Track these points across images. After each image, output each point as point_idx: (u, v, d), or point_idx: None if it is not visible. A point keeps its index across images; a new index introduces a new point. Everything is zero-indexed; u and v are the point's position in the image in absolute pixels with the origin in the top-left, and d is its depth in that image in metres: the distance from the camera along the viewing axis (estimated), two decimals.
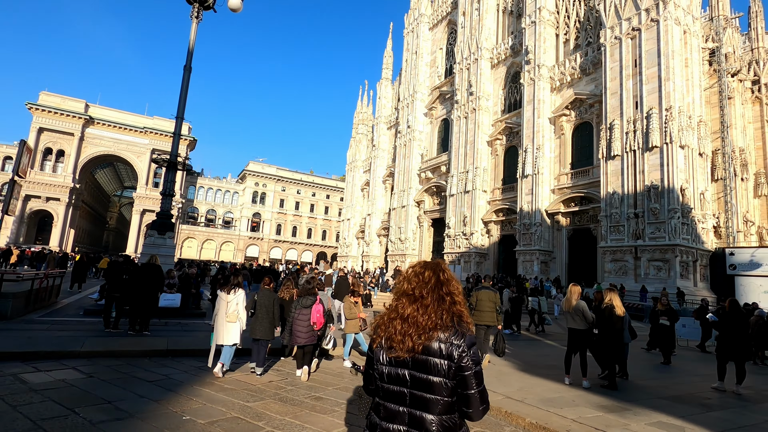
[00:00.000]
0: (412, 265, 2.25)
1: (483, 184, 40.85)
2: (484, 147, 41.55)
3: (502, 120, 40.60)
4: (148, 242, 12.66)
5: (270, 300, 7.15)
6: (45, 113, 60.54)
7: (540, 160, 34.28)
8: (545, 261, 34.03)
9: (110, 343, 7.47)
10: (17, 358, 6.38)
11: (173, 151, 12.90)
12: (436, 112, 51.67)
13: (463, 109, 43.65)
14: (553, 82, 35.36)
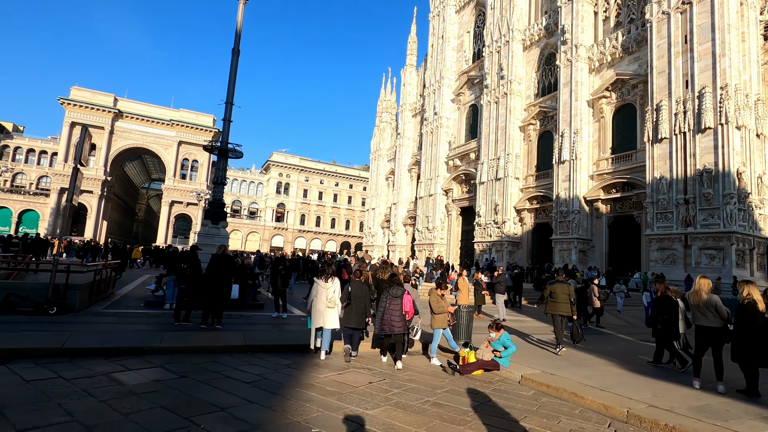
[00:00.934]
0: None
1: (515, 171, 39.69)
2: (516, 132, 40.28)
3: (535, 104, 39.23)
4: (202, 232, 12.49)
5: (363, 291, 7.67)
6: (76, 108, 61.81)
7: (578, 144, 32.98)
8: (583, 250, 32.95)
9: (187, 339, 7.25)
10: (100, 354, 6.19)
11: (224, 138, 12.62)
12: (464, 98, 50.38)
13: (493, 93, 42.35)
14: (591, 63, 33.81)
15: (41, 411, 3.84)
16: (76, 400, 4.21)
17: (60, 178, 61.23)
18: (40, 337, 6.48)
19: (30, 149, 65.65)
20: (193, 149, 70.88)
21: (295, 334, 8.48)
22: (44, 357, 5.90)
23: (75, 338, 6.53)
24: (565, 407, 5.19)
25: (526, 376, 6.22)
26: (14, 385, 4.57)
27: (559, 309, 9.03)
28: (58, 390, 4.49)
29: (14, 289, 8.59)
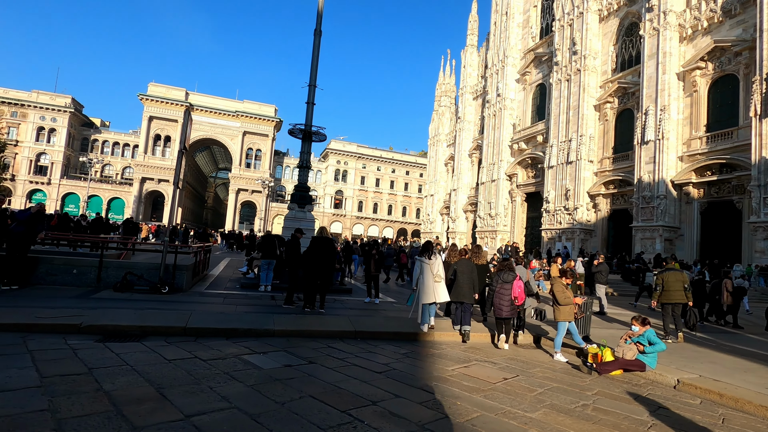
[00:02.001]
0: None
1: (589, 154, 37.01)
2: (590, 112, 37.45)
3: (613, 80, 36.11)
4: (289, 215, 12.61)
5: (470, 268, 8.07)
6: (153, 102, 66.23)
7: (665, 123, 29.92)
8: (670, 238, 30.11)
9: (299, 322, 7.20)
10: (220, 334, 6.24)
11: (307, 121, 12.54)
12: (531, 77, 47.67)
13: (564, 71, 39.57)
14: (682, 31, 30.34)
15: (197, 394, 3.76)
16: (224, 383, 4.13)
17: (141, 168, 66.23)
18: (164, 316, 6.68)
19: (115, 142, 71.62)
20: (257, 139, 73.63)
21: (399, 322, 8.23)
22: (171, 335, 6.04)
23: (195, 318, 6.66)
24: (759, 424, 4.40)
25: (685, 380, 5.42)
26: (160, 365, 4.60)
27: (672, 297, 8.90)
28: (201, 371, 4.46)
29: (130, 268, 9.09)
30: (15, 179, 61.90)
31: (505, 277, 7.47)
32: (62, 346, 5.03)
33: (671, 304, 8.90)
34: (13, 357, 4.42)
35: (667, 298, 8.94)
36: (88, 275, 8.92)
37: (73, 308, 6.82)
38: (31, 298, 7.44)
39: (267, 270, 10.75)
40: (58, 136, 65.52)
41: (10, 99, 62.71)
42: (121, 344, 5.37)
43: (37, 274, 8.65)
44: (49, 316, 5.98)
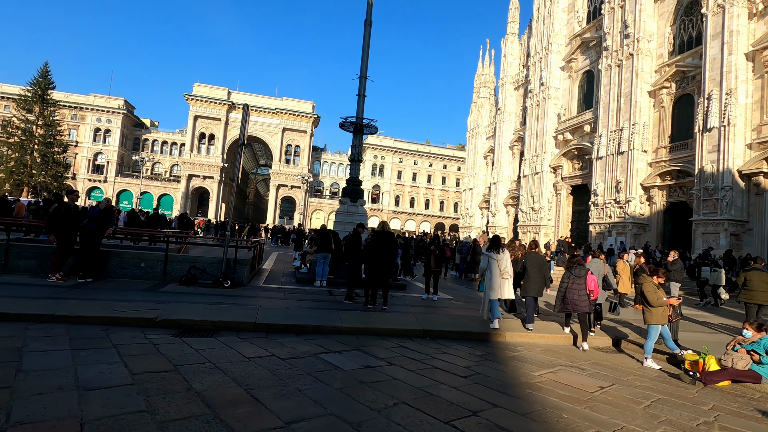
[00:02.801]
0: None
1: (642, 143, 34.85)
2: (644, 99, 35.21)
3: (670, 63, 33.72)
4: (341, 210, 12.50)
5: (540, 262, 8.11)
6: (198, 102, 68.63)
7: (731, 108, 27.61)
8: (736, 233, 27.85)
9: (365, 320, 7.02)
10: (290, 331, 6.15)
11: (358, 113, 12.34)
12: (577, 64, 45.46)
13: (614, 56, 37.39)
14: (752, 6, 27.81)
15: (288, 398, 3.60)
16: (310, 385, 3.96)
17: (188, 166, 68.95)
18: (233, 311, 6.66)
19: (164, 141, 74.94)
20: (296, 135, 74.80)
21: (466, 321, 7.91)
22: (242, 331, 5.99)
23: (263, 314, 6.61)
24: None
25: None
26: (241, 363, 4.51)
27: (755, 297, 8.71)
28: (283, 371, 4.32)
29: (193, 262, 9.25)
30: (75, 177, 66.09)
31: (576, 272, 7.38)
32: (143, 341, 5.05)
33: (755, 304, 8.78)
34: (102, 351, 4.45)
35: (750, 297, 8.83)
36: (155, 269, 9.15)
37: (146, 302, 6.93)
38: (105, 291, 7.66)
39: (323, 264, 10.68)
40: (112, 137, 69.32)
41: (70, 102, 66.85)
42: (197, 339, 5.35)
43: (109, 268, 8.97)
44: (126, 310, 6.08)
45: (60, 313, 5.67)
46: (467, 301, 10.82)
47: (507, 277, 7.84)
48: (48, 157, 57.08)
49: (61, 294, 7.06)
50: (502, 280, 7.76)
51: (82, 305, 6.14)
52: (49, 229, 7.92)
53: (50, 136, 57.93)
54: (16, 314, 5.57)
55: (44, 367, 3.83)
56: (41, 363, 3.93)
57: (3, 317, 5.50)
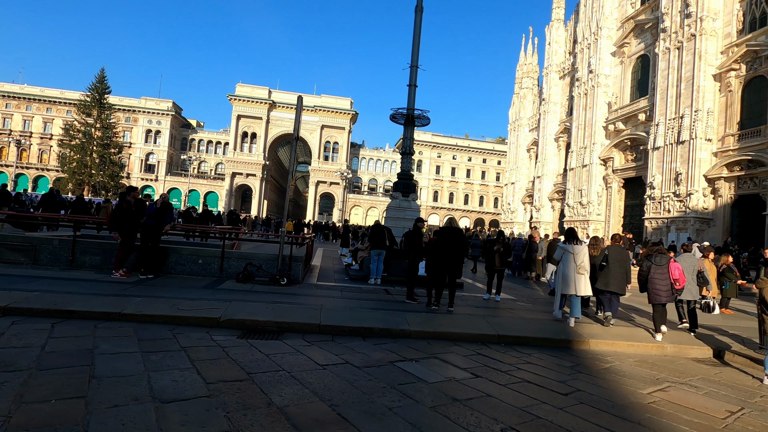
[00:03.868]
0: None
1: (707, 131, 32.16)
2: (708, 83, 32.45)
3: (739, 43, 30.83)
4: (393, 205, 12.06)
5: (623, 255, 7.86)
6: (241, 102, 70.49)
7: None
8: None
9: (433, 323, 6.54)
10: (356, 334, 5.80)
11: (410, 104, 11.82)
12: (630, 49, 42.70)
13: (673, 38, 34.69)
14: None
15: (380, 418, 3.18)
16: (399, 402, 3.54)
17: (231, 164, 71.10)
18: (296, 312, 6.37)
19: (209, 141, 77.70)
20: (334, 132, 75.29)
21: (542, 326, 7.24)
22: (307, 333, 5.68)
23: (326, 315, 6.27)
24: None
25: None
26: (316, 371, 4.15)
27: None
28: (363, 383, 3.92)
29: (249, 259, 9.12)
30: (130, 177, 69.78)
31: (658, 261, 7.27)
32: (210, 343, 4.81)
33: None
34: (172, 355, 4.22)
35: None
36: (212, 265, 9.10)
37: (207, 300, 6.79)
38: (166, 288, 7.61)
39: (377, 262, 10.29)
40: (162, 137, 72.60)
41: (124, 106, 70.58)
42: (264, 342, 5.07)
43: (168, 264, 9.00)
44: (190, 309, 5.92)
45: (127, 312, 5.57)
46: (532, 302, 10.10)
47: (583, 273, 7.53)
48: (105, 158, 60.57)
49: (125, 291, 7.04)
50: (577, 275, 7.47)
51: (147, 303, 6.03)
52: (112, 226, 8.00)
53: (107, 138, 61.43)
54: (84, 312, 5.52)
55: (116, 372, 3.62)
56: (113, 368, 3.73)
57: (72, 315, 5.46)
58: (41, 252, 8.60)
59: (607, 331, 6.96)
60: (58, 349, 4.12)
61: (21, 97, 70.02)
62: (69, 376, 3.42)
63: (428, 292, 7.93)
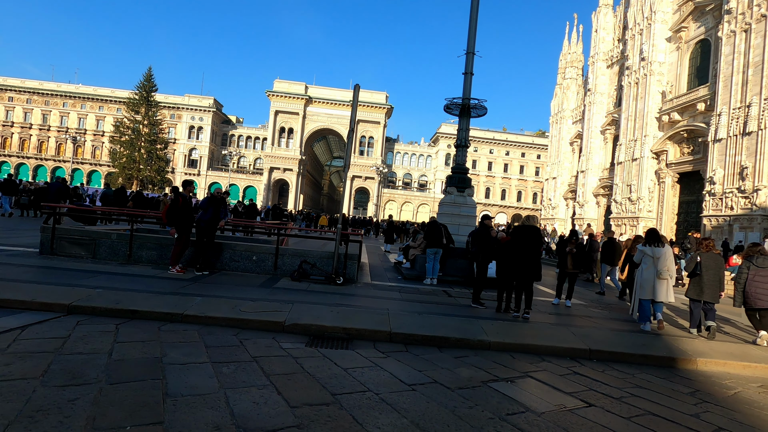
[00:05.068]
0: None
1: None
2: None
3: None
4: (447, 200, 11.39)
5: (717, 262, 7.35)
6: (278, 98, 71.39)
7: None
8: None
9: (513, 332, 5.89)
10: (430, 343, 5.27)
11: (465, 93, 11.08)
12: (687, 34, 39.75)
13: (740, 19, 31.89)
14: None
15: None
16: None
17: (269, 159, 72.31)
18: (362, 316, 5.89)
19: (248, 136, 79.33)
20: (369, 126, 74.98)
21: (635, 338, 6.42)
22: (378, 341, 5.21)
23: (396, 321, 5.76)
24: None
25: None
26: (405, 393, 3.63)
27: None
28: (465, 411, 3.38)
29: (304, 256, 8.77)
30: (174, 171, 72.39)
31: (759, 262, 6.89)
32: (280, 352, 4.40)
33: None
34: (244, 367, 3.82)
35: None
36: (266, 262, 8.81)
37: (267, 300, 6.44)
38: (222, 286, 7.35)
39: (433, 261, 9.71)
40: (204, 133, 74.78)
41: (169, 103, 73.13)
42: (336, 352, 4.61)
43: (222, 260, 8.79)
44: (252, 311, 5.56)
45: (189, 313, 5.27)
46: (604, 308, 9.22)
47: (667, 278, 7.18)
48: (152, 153, 63.05)
49: (183, 288, 6.81)
50: (659, 280, 7.12)
51: (208, 304, 5.73)
52: (169, 221, 7.82)
53: (153, 134, 63.92)
54: (147, 312, 5.27)
55: (191, 389, 3.23)
56: (186, 383, 3.35)
57: (135, 314, 5.22)
58: (100, 246, 8.58)
59: (713, 348, 6.07)
60: (125, 356, 3.81)
61: (76, 96, 74.02)
62: (141, 393, 3.07)
63: (498, 296, 7.28)
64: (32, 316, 4.86)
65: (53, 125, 73.71)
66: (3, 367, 3.28)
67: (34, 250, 9.03)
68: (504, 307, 7.22)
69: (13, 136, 73.54)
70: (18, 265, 7.41)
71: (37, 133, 73.71)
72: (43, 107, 73.94)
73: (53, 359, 3.56)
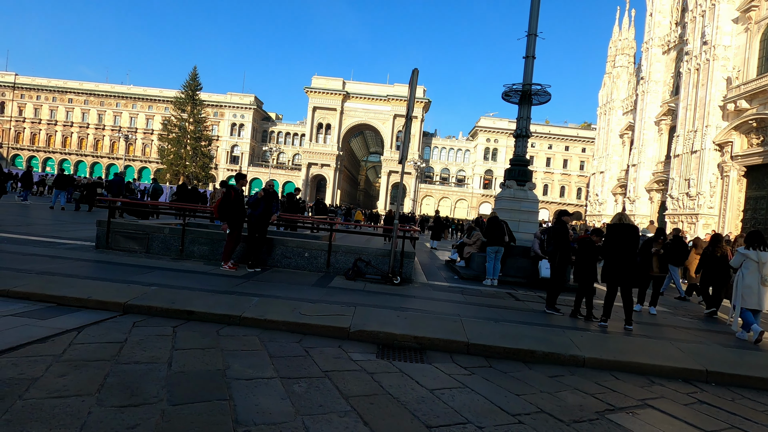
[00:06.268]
0: None
1: None
2: None
3: None
4: (506, 195, 10.54)
5: None
6: (316, 94, 71.87)
7: None
8: None
9: (607, 346, 5.09)
10: (514, 357, 4.62)
11: (526, 79, 10.18)
12: (759, 13, 36.30)
13: None
14: None
15: None
16: None
17: (307, 155, 73.10)
18: (432, 324, 5.28)
19: (287, 132, 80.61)
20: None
21: (753, 357, 5.44)
22: (454, 352, 4.61)
23: (472, 329, 5.12)
24: None
25: None
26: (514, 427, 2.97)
27: None
28: None
29: (359, 253, 8.28)
30: (217, 168, 74.76)
31: None
32: (352, 366, 3.87)
33: None
34: (317, 386, 3.32)
35: None
36: (319, 259, 8.39)
37: (325, 302, 5.97)
38: (276, 285, 6.97)
39: (494, 260, 8.96)
40: (245, 130, 76.66)
41: (213, 102, 75.46)
42: (413, 367, 4.04)
43: (274, 257, 8.45)
44: (313, 315, 5.09)
45: (247, 315, 4.86)
46: (692, 316, 8.14)
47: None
48: (197, 150, 65.22)
49: (237, 287, 6.47)
50: (763, 287, 6.54)
51: (265, 306, 5.31)
52: (221, 216, 7.51)
53: (198, 131, 66.11)
54: (203, 313, 4.91)
55: (263, 415, 2.74)
56: (256, 406, 2.87)
57: (191, 315, 4.87)
58: (153, 241, 8.45)
59: None
60: (186, 368, 3.40)
61: (128, 96, 77.92)
62: (208, 419, 2.60)
63: (577, 301, 6.46)
64: (89, 315, 4.61)
65: (107, 124, 77.87)
66: (58, 380, 2.93)
67: (90, 243, 9.04)
68: (586, 313, 6.38)
69: (73, 135, 78.33)
70: (75, 260, 7.35)
71: (94, 132, 78.11)
72: (98, 107, 78.26)
73: (110, 370, 3.19)
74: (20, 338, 3.68)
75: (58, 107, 78.47)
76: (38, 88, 78.06)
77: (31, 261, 6.79)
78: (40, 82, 78.52)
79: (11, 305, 4.69)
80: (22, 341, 3.61)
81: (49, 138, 78.70)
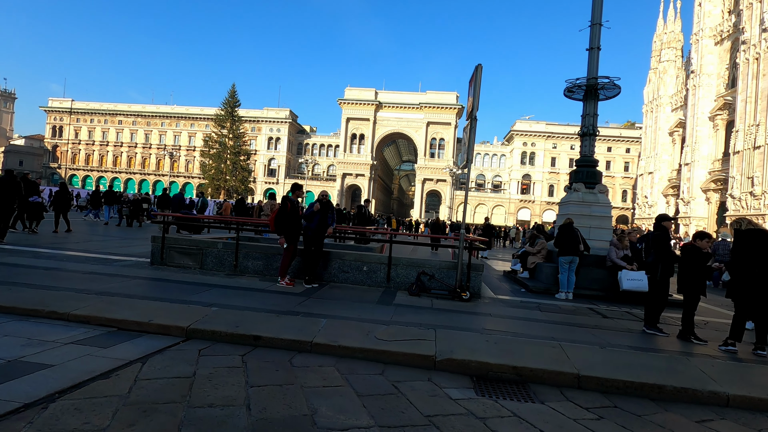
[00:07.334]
0: None
1: None
2: None
3: None
4: (573, 199, 9.65)
5: None
6: (350, 105, 72.45)
7: None
8: None
9: (746, 379, 4.21)
10: (639, 393, 3.86)
11: (590, 73, 9.32)
12: None
13: None
14: None
15: None
16: None
17: (342, 165, 73.65)
18: (526, 350, 4.57)
19: (321, 144, 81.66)
20: (440, 128, 73.33)
21: None
22: (562, 386, 3.88)
23: (577, 358, 4.36)
24: None
25: None
26: None
27: None
28: None
29: (421, 266, 7.67)
30: (256, 181, 76.63)
31: None
32: (454, 408, 3.25)
33: None
34: None
35: None
36: (378, 273, 7.84)
37: (398, 323, 5.37)
38: (338, 302, 6.46)
39: (568, 271, 8.11)
40: (281, 144, 78.28)
41: (250, 117, 77.73)
42: (524, 406, 3.37)
43: (330, 271, 7.98)
44: (391, 340, 4.51)
45: (318, 341, 4.35)
46: None
47: None
48: (237, 164, 67.13)
49: (298, 306, 6.00)
50: None
51: (335, 329, 4.79)
52: (278, 229, 7.12)
53: (237, 146, 68.12)
54: (270, 338, 4.45)
55: None
56: None
57: (258, 341, 4.41)
58: (207, 256, 8.20)
59: None
60: (267, 413, 2.89)
61: (172, 116, 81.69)
62: None
63: (686, 319, 5.55)
64: (151, 342, 4.24)
65: (153, 143, 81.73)
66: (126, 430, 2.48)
67: (145, 260, 8.94)
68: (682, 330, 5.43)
69: (122, 155, 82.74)
70: (132, 277, 7.16)
71: (141, 150, 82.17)
72: (145, 128, 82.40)
73: (183, 417, 2.72)
74: (83, 373, 3.31)
75: (109, 129, 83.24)
76: (92, 112, 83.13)
77: (90, 280, 6.63)
78: (93, 106, 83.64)
79: (72, 330, 4.41)
80: (85, 377, 3.24)
81: (101, 158, 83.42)
